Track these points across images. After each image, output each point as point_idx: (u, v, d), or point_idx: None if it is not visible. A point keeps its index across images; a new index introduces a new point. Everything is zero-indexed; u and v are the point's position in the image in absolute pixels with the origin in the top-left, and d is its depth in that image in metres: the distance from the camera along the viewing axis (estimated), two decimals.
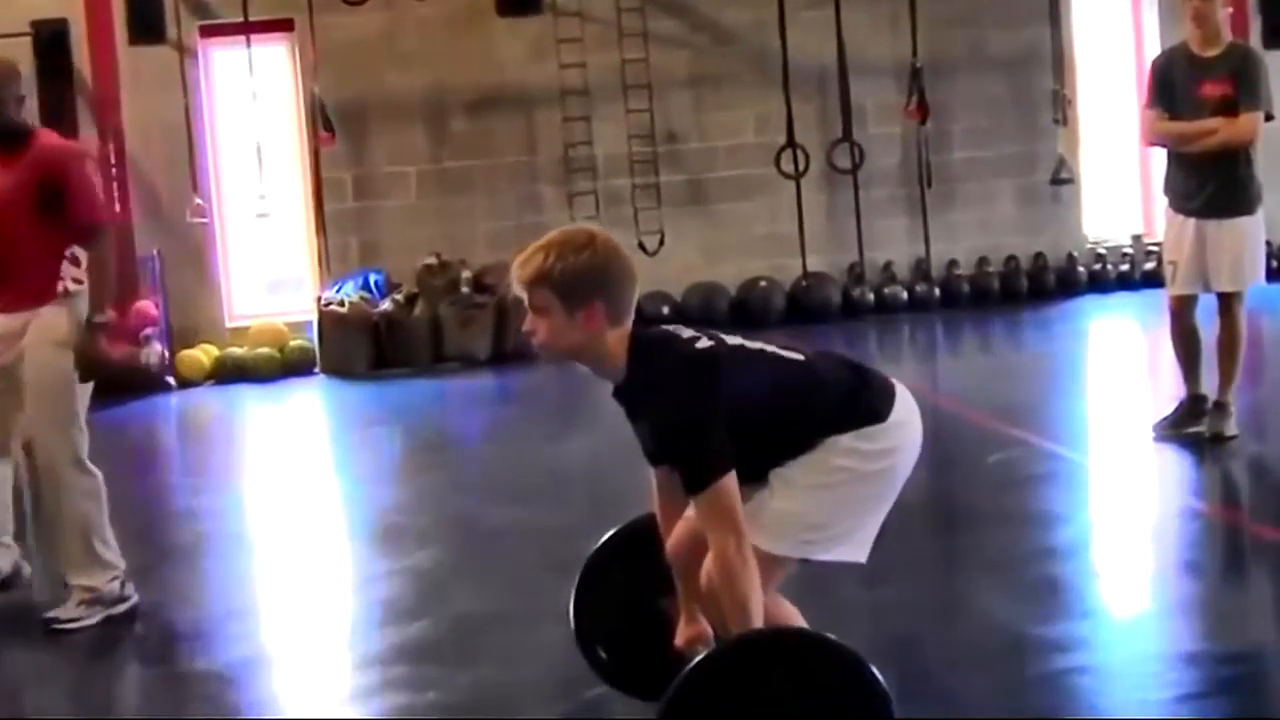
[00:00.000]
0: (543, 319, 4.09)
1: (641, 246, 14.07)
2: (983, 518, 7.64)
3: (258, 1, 14.25)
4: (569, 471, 9.43)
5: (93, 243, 6.57)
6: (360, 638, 6.53)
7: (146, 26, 14.05)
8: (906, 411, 4.29)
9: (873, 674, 3.87)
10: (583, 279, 4.04)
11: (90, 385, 6.73)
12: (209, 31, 14.76)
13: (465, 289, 14.16)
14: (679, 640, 4.46)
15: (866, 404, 4.24)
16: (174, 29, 14.33)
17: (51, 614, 6.75)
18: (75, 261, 6.68)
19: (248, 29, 14.32)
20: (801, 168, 15.00)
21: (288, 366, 14.10)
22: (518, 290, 4.15)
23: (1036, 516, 7.58)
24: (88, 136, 14.18)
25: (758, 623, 4.01)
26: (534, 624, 6.14)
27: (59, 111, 14.11)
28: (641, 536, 4.73)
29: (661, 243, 14.54)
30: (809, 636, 4.06)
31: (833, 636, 3.97)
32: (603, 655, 4.90)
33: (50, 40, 14.06)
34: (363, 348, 13.96)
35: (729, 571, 4.00)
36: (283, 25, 14.67)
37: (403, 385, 13.36)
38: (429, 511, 8.71)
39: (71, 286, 6.66)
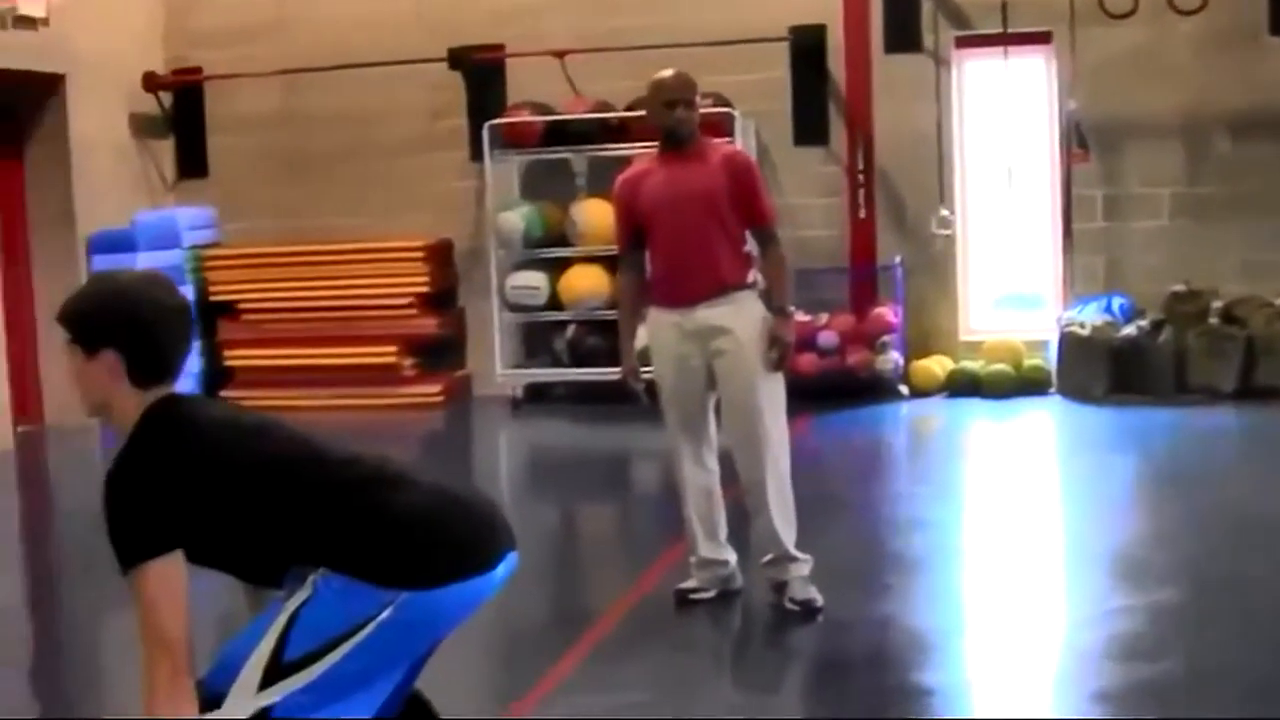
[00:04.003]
0: None
1: None
2: None
3: (1017, 12, 14.15)
4: None
5: (770, 242, 7.29)
6: (1091, 671, 6.36)
7: (903, 35, 14.19)
8: None
9: None
10: None
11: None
12: (965, 42, 14.78)
13: (1214, 319, 13.65)
14: None
15: None
16: (930, 38, 14.42)
17: (802, 597, 7.17)
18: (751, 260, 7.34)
19: (1005, 40, 14.25)
20: None
21: (1022, 384, 13.95)
22: None
23: None
24: (839, 143, 14.50)
25: None
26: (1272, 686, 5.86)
27: (812, 116, 14.51)
28: None
29: None
30: None
31: None
32: None
33: (807, 46, 14.45)
34: (1102, 372, 13.66)
35: None
36: (1040, 38, 14.53)
37: (1141, 414, 12.98)
38: (1167, 549, 8.43)
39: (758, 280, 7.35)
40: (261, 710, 3.79)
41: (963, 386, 13.95)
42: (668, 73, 7.43)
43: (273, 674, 3.80)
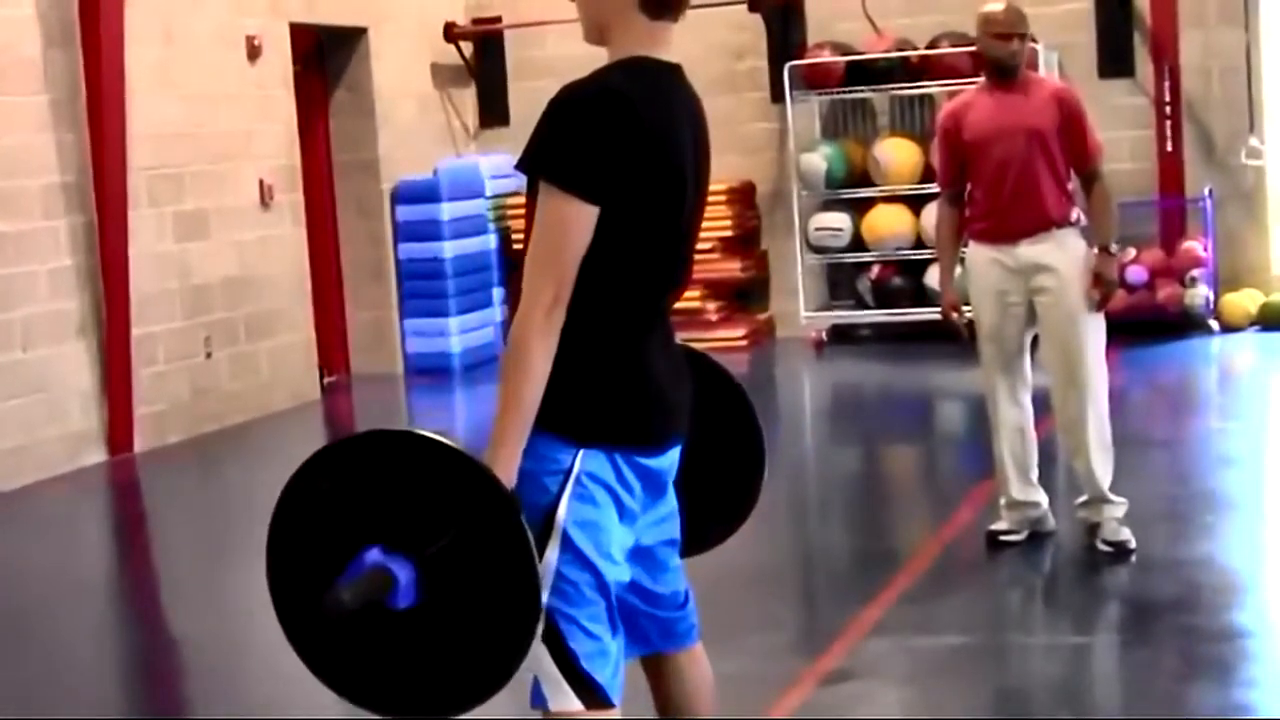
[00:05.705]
0: None
1: None
2: None
3: None
4: None
5: (1095, 177, 7.36)
6: None
7: None
8: None
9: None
10: None
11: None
12: None
13: None
14: None
15: None
16: None
17: (1116, 538, 7.35)
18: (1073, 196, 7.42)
19: None
20: None
21: None
22: None
23: None
24: (1144, 75, 14.47)
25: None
26: None
27: (1117, 48, 14.51)
28: None
29: None
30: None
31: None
32: None
33: None
34: None
35: None
36: None
37: None
38: None
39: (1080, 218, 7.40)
40: (547, 609, 3.57)
41: (1276, 321, 13.88)
42: (998, 5, 7.37)
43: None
